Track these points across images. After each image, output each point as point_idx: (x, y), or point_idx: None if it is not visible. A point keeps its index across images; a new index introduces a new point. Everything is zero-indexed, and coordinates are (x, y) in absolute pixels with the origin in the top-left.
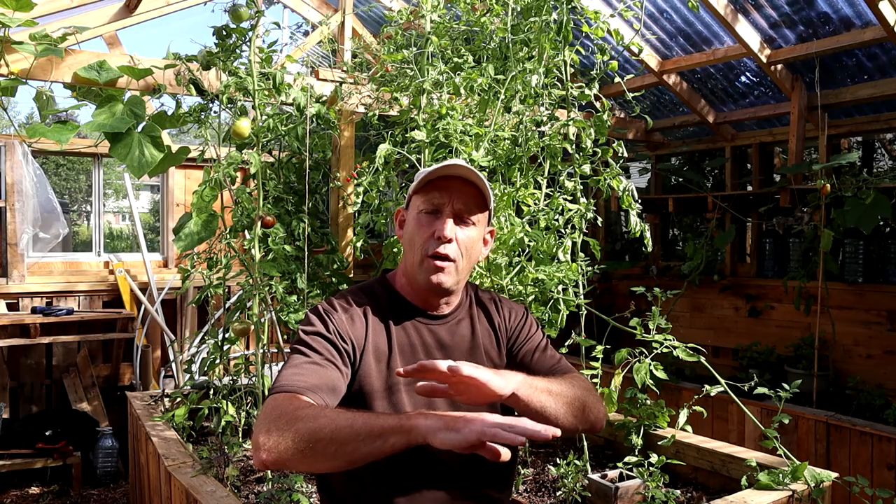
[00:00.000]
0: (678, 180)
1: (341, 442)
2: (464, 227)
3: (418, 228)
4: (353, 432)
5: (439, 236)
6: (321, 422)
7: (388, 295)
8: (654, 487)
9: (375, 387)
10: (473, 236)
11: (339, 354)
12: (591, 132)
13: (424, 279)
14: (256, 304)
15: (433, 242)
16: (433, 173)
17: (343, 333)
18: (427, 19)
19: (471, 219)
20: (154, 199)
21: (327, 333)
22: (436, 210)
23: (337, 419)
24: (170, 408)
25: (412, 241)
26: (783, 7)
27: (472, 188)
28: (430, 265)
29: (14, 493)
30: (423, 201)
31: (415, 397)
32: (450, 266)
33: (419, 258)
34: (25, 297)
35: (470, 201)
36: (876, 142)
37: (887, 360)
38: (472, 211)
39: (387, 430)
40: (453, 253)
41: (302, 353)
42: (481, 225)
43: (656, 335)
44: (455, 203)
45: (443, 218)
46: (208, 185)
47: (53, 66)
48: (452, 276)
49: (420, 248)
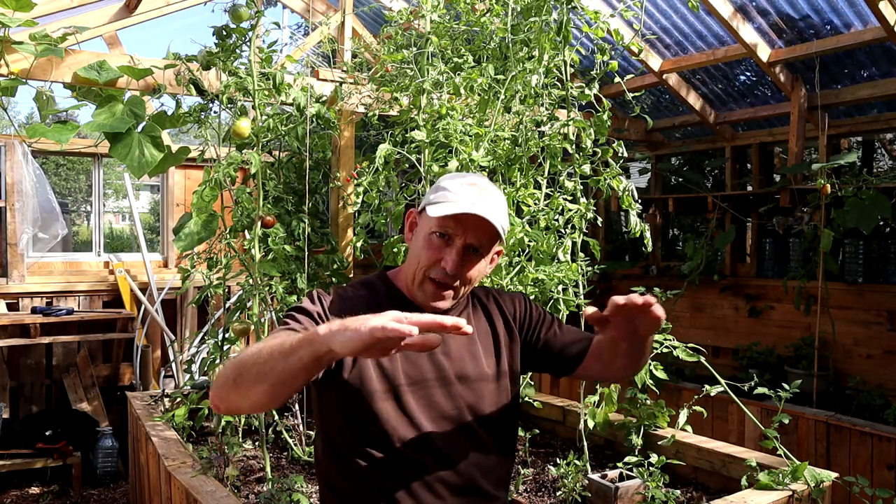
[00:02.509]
0: (678, 180)
1: (260, 363)
2: (472, 259)
3: (426, 249)
4: (269, 352)
5: (445, 267)
6: (247, 351)
7: (388, 290)
8: (654, 487)
9: (371, 382)
10: (480, 267)
11: None
12: (591, 132)
13: (422, 299)
14: (256, 304)
15: (438, 270)
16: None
17: (333, 316)
18: (427, 19)
19: (480, 251)
20: (154, 199)
21: (314, 311)
22: (448, 236)
23: (257, 345)
24: (170, 408)
25: (418, 257)
26: (783, 7)
27: (488, 224)
28: (429, 289)
29: (14, 493)
30: (436, 224)
31: (420, 398)
32: (449, 293)
33: (421, 278)
34: (25, 297)
35: (483, 237)
36: (876, 142)
37: (887, 360)
38: (483, 245)
39: (295, 345)
40: (455, 283)
41: (285, 323)
42: (490, 253)
43: (656, 335)
44: (468, 237)
45: (452, 249)
46: (208, 185)
47: (53, 66)
48: (450, 301)
49: (423, 270)
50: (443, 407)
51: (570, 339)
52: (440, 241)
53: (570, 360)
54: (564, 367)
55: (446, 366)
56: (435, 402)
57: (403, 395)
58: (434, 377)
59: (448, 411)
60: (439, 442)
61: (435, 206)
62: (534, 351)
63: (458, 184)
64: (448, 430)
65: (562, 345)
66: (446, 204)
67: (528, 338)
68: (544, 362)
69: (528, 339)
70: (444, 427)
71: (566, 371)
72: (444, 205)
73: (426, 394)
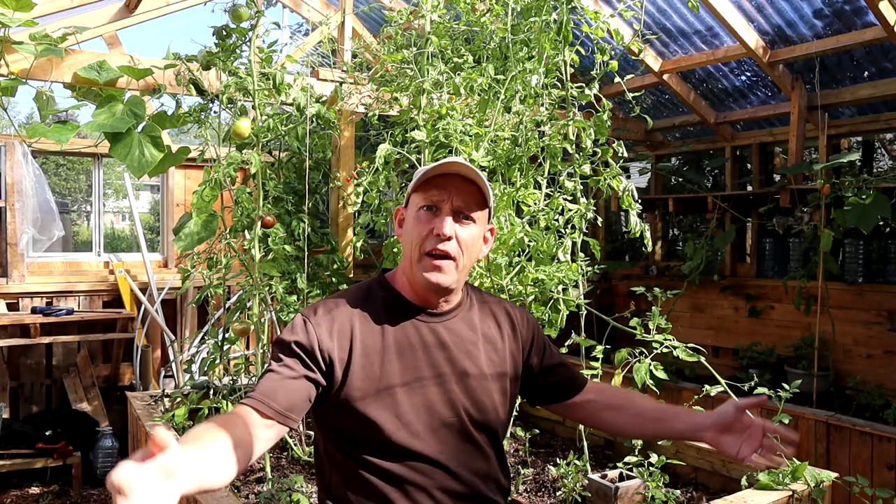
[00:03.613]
0: (678, 180)
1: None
2: (463, 225)
3: (417, 225)
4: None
5: (438, 233)
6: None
7: (386, 294)
8: (654, 487)
9: (366, 390)
10: (473, 234)
11: (303, 359)
12: (591, 132)
13: (423, 278)
14: (256, 304)
15: (432, 239)
16: (432, 171)
17: (314, 339)
18: (427, 19)
19: (470, 216)
20: (154, 199)
21: (292, 341)
22: (434, 207)
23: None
24: (170, 408)
25: (411, 238)
26: (783, 7)
27: (471, 186)
28: (428, 264)
29: (14, 493)
30: (421, 199)
31: (412, 398)
32: (449, 264)
33: (417, 256)
34: (25, 297)
35: (469, 199)
36: (876, 142)
37: (887, 360)
38: (471, 208)
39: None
40: (453, 250)
41: (274, 363)
42: (481, 223)
43: (656, 335)
44: (454, 200)
45: (442, 215)
46: (208, 185)
47: (53, 66)
48: (452, 274)
49: (418, 246)
50: (441, 413)
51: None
52: (428, 214)
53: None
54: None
55: (445, 367)
56: (434, 410)
57: (399, 397)
58: (431, 375)
59: (447, 418)
60: (439, 450)
61: (416, 181)
62: (531, 375)
63: (434, 163)
64: (447, 438)
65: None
66: (423, 172)
67: (530, 357)
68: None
69: (530, 358)
70: (443, 435)
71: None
72: (421, 174)
73: (424, 399)
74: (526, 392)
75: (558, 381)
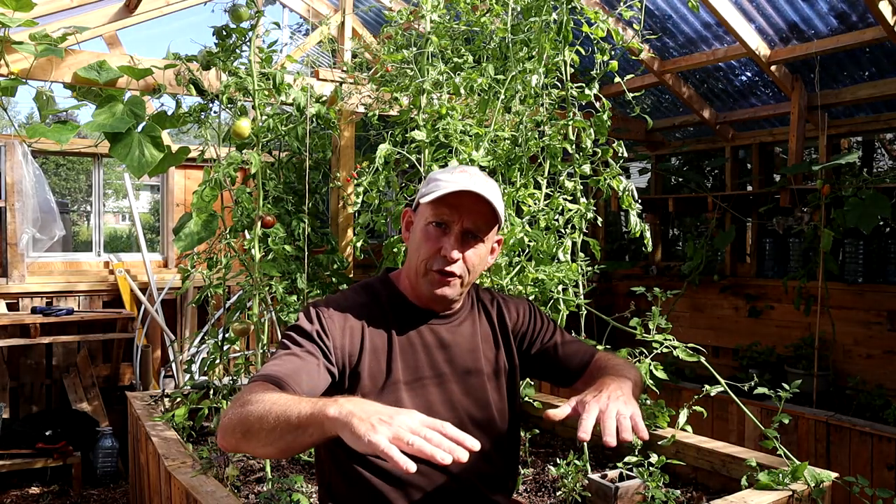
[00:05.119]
0: (678, 180)
1: (267, 430)
2: (472, 245)
3: (425, 241)
4: (275, 420)
5: (445, 255)
6: (251, 407)
7: (390, 294)
8: (654, 487)
9: (371, 386)
10: (481, 253)
11: (324, 349)
12: (591, 132)
13: (428, 290)
14: (256, 304)
15: (439, 260)
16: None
17: (330, 332)
18: (427, 19)
19: (479, 236)
20: (154, 199)
21: (313, 330)
22: (444, 225)
23: (262, 402)
24: (170, 408)
25: (418, 251)
26: (783, 7)
27: (483, 206)
28: (434, 278)
29: (14, 493)
30: (432, 213)
31: (413, 398)
32: (455, 281)
33: (423, 270)
34: (25, 297)
35: (480, 220)
36: (876, 142)
37: (887, 360)
38: (481, 230)
39: (304, 421)
40: (459, 270)
41: (285, 346)
42: (490, 240)
43: (656, 335)
44: (465, 222)
45: (451, 235)
46: (208, 185)
47: (53, 66)
48: (457, 289)
49: (424, 262)
50: (441, 413)
51: (572, 350)
52: (437, 231)
53: (570, 373)
54: (564, 378)
55: (445, 367)
56: (434, 410)
57: (402, 394)
58: (431, 375)
59: (447, 418)
60: None
61: (428, 195)
62: (533, 359)
63: (448, 173)
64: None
65: (563, 356)
66: (438, 191)
67: (528, 345)
68: (543, 371)
69: (528, 346)
70: None
71: (565, 383)
72: (437, 192)
73: (424, 399)
74: (534, 374)
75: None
